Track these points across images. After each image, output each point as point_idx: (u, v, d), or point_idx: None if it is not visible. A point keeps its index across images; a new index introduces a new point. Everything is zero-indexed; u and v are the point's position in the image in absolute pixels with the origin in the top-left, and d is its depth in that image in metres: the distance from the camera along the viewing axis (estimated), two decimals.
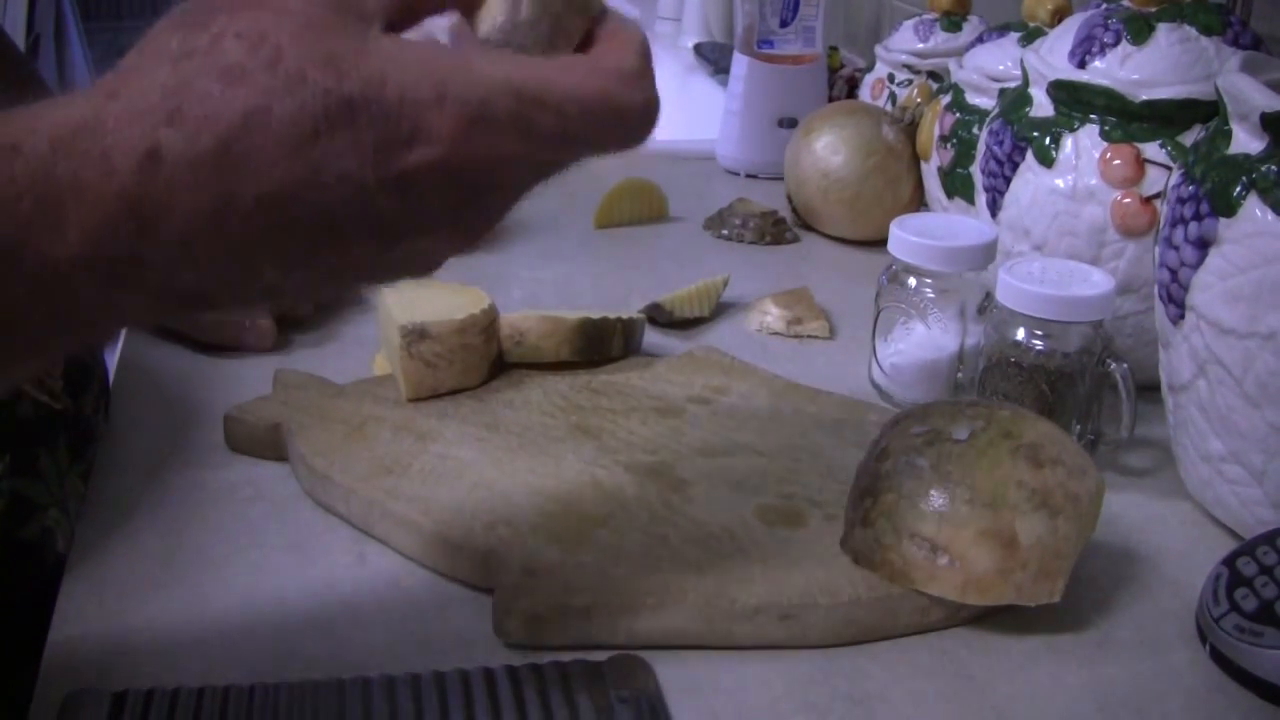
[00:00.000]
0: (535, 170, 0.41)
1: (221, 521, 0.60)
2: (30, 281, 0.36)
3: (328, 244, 0.38)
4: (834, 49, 1.27)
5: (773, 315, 0.84)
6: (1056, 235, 0.72)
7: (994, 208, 0.75)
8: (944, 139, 0.90)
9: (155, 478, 0.63)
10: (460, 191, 0.39)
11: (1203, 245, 0.58)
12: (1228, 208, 0.57)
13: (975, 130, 0.86)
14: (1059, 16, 0.86)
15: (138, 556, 0.57)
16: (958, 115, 0.89)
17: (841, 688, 0.51)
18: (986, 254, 0.71)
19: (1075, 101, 0.71)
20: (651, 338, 0.78)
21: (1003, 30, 0.90)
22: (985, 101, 0.86)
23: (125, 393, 0.72)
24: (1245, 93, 0.58)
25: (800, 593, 0.53)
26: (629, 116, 0.40)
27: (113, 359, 0.77)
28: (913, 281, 0.72)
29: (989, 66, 0.88)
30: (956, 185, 0.89)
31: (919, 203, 0.98)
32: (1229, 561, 0.55)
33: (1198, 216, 0.58)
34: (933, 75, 1.06)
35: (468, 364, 0.69)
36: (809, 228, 1.02)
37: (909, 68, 1.08)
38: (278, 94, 0.36)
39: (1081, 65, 0.71)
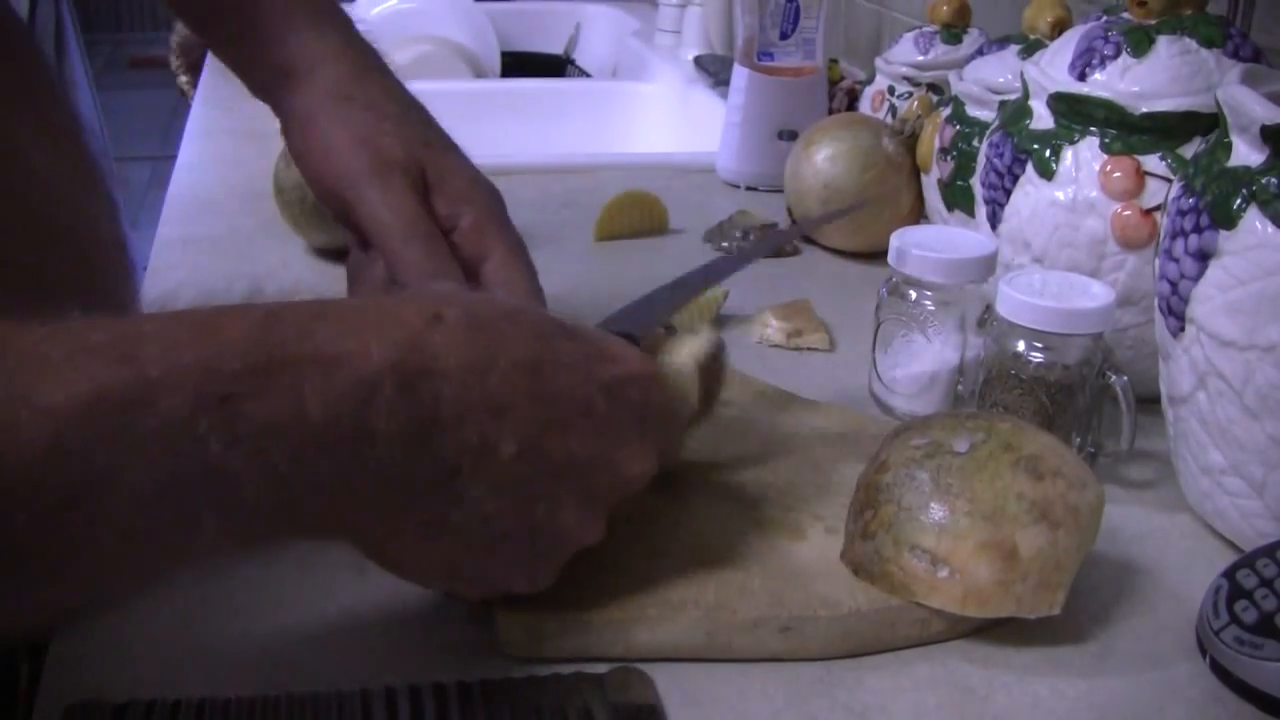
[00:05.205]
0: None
1: None
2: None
3: (554, 428, 0.48)
4: (834, 61, 1.27)
5: (773, 327, 0.84)
6: (1056, 247, 0.72)
7: (994, 220, 0.76)
8: (944, 151, 0.90)
9: None
10: (645, 406, 0.52)
11: (1203, 257, 0.58)
12: (1228, 220, 0.57)
13: (975, 143, 0.86)
14: (1059, 29, 0.86)
15: None
16: (958, 127, 0.89)
17: (841, 700, 0.51)
18: (987, 266, 0.71)
19: (1075, 114, 0.71)
20: None
21: (1003, 42, 0.90)
22: (985, 114, 0.86)
23: None
24: (1245, 105, 0.58)
25: (800, 605, 0.53)
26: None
27: None
28: (913, 294, 0.72)
29: (989, 79, 0.88)
30: (956, 197, 0.89)
31: (919, 215, 0.98)
32: (1229, 574, 0.55)
33: (1198, 229, 0.59)
34: (933, 88, 1.06)
35: None
36: (809, 240, 1.02)
37: (909, 80, 1.08)
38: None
39: (1081, 77, 0.71)
